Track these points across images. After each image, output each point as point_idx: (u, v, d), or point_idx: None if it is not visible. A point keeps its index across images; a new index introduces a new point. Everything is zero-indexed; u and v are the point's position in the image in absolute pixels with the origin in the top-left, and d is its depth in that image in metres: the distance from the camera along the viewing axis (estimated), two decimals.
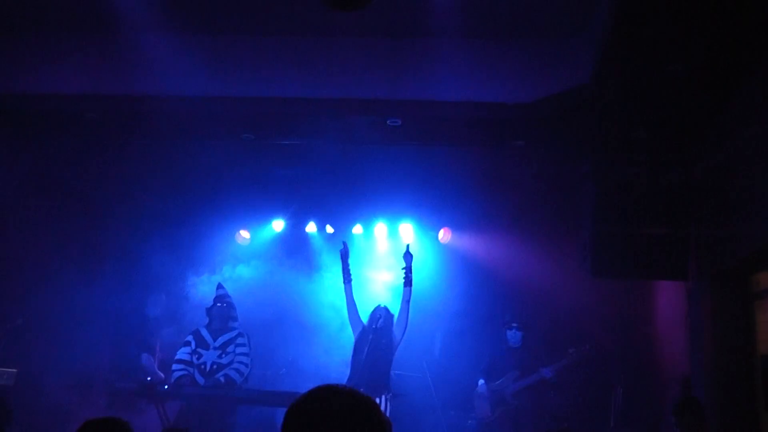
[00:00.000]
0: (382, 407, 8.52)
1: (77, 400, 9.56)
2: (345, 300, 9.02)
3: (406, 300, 8.74)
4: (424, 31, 7.10)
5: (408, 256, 8.92)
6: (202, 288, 10.42)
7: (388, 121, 7.83)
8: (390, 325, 8.73)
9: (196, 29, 7.42)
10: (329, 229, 11.82)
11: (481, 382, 9.60)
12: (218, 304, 9.39)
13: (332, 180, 10.27)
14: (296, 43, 7.47)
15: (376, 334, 8.67)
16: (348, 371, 10.41)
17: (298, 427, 2.36)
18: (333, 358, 10.66)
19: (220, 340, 9.20)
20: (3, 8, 7.25)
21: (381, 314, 8.76)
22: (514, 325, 9.63)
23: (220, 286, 9.68)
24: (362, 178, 10.08)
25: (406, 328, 8.74)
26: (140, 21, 6.93)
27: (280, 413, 10.30)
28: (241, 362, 9.12)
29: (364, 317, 8.86)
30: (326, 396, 2.41)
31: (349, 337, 10.29)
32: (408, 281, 8.79)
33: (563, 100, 7.15)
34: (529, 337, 9.69)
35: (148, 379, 8.78)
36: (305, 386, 8.21)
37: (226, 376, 8.96)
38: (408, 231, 11.51)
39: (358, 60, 7.43)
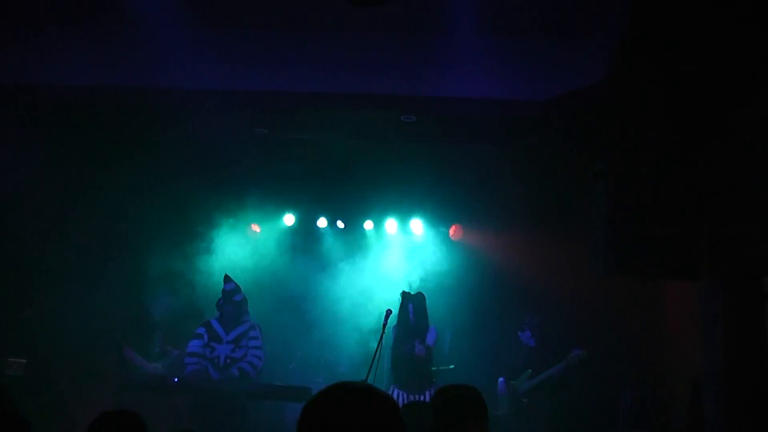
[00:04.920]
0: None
1: (85, 391, 9.59)
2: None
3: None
4: (440, 27, 7.08)
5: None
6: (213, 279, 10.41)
7: (402, 117, 7.83)
8: (424, 332, 8.93)
9: (211, 22, 7.42)
10: (340, 225, 11.83)
11: (500, 380, 9.65)
12: (229, 302, 9.34)
13: (344, 175, 10.27)
14: (311, 38, 7.46)
15: (411, 337, 8.88)
16: (351, 364, 10.57)
17: (314, 426, 2.32)
18: (343, 352, 10.68)
19: (233, 333, 9.20)
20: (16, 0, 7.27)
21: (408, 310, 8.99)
22: (526, 327, 9.72)
23: (227, 279, 9.60)
24: (374, 173, 10.07)
25: (435, 337, 9.19)
26: (155, 13, 6.93)
27: (290, 408, 10.37)
28: (254, 356, 9.14)
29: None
30: (343, 395, 2.38)
31: (359, 332, 10.34)
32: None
33: (577, 98, 7.14)
34: (543, 337, 9.71)
35: (176, 380, 8.76)
36: (315, 381, 8.27)
37: (240, 369, 8.98)
38: (418, 227, 11.51)
39: (373, 56, 7.41)
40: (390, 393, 8.92)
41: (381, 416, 2.33)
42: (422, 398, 8.76)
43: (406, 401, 8.67)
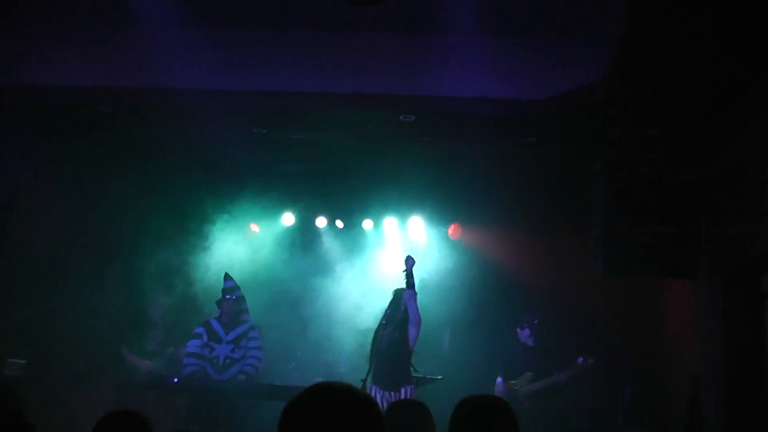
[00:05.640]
0: (406, 397, 8.46)
1: (85, 391, 9.59)
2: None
3: (409, 300, 8.75)
4: (439, 27, 7.09)
5: (409, 260, 8.91)
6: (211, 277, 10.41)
7: (401, 117, 7.83)
8: (405, 321, 8.76)
9: (209, 23, 7.42)
10: (339, 224, 11.83)
11: (498, 380, 9.57)
12: (227, 297, 9.38)
13: (343, 175, 10.27)
14: (310, 38, 7.47)
15: (392, 328, 8.72)
16: (350, 364, 10.50)
17: (295, 426, 2.36)
18: (341, 352, 10.68)
19: (233, 333, 9.20)
20: (16, 0, 7.27)
21: (396, 308, 8.83)
22: (525, 325, 9.62)
23: (227, 278, 9.61)
24: (373, 172, 10.07)
25: (419, 324, 8.76)
26: (154, 14, 6.93)
27: None
28: (254, 356, 9.14)
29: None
30: (323, 394, 2.41)
31: (358, 331, 10.30)
32: (409, 285, 8.80)
33: (576, 98, 7.14)
34: (543, 337, 9.64)
35: (175, 380, 8.76)
36: (314, 381, 8.26)
37: (246, 373, 8.97)
38: (418, 226, 11.51)
39: (371, 55, 7.42)
40: (367, 390, 8.74)
41: (361, 415, 2.36)
42: (398, 395, 8.47)
43: (382, 397, 8.47)
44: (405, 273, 8.83)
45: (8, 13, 7.46)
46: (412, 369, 8.86)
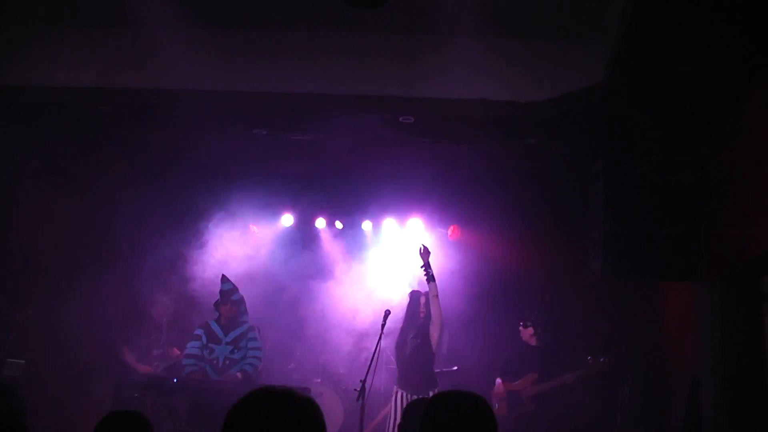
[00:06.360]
0: None
1: (85, 391, 9.59)
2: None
3: (434, 295, 8.84)
4: (438, 28, 7.08)
5: (425, 253, 8.98)
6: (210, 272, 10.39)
7: (400, 118, 7.83)
8: (426, 324, 8.86)
9: (209, 23, 7.41)
10: (338, 225, 11.83)
11: (498, 381, 9.54)
12: (226, 302, 9.32)
13: (342, 176, 10.27)
14: (309, 39, 7.46)
15: (414, 333, 8.82)
16: (349, 365, 10.51)
17: (237, 428, 2.46)
18: (341, 353, 10.67)
19: (232, 335, 9.18)
20: (16, 0, 7.27)
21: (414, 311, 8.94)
22: (529, 324, 9.56)
23: (224, 280, 9.54)
24: (372, 174, 10.07)
25: (442, 325, 8.93)
26: (153, 14, 6.92)
27: None
28: (254, 356, 9.13)
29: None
30: (265, 398, 2.52)
31: (357, 332, 10.29)
32: (430, 277, 8.88)
33: (575, 100, 7.14)
34: (546, 337, 9.61)
35: (174, 380, 8.76)
36: (313, 381, 8.25)
37: (243, 371, 8.97)
38: (417, 227, 11.50)
39: (371, 56, 7.41)
40: (393, 393, 8.92)
41: (300, 417, 2.49)
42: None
43: (409, 401, 8.52)
44: (422, 267, 8.92)
45: (8, 13, 7.45)
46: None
